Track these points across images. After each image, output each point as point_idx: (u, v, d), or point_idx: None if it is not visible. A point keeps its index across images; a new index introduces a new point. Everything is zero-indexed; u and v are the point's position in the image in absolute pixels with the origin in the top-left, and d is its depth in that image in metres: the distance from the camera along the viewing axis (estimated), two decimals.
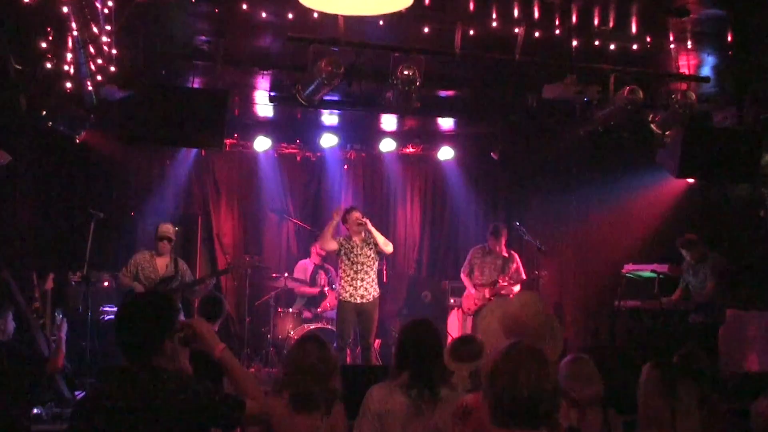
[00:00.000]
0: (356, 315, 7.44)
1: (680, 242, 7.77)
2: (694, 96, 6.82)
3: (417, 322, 3.61)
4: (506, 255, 8.27)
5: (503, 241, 8.27)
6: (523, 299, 2.87)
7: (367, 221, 7.43)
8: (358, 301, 7.40)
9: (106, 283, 7.92)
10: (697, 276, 7.71)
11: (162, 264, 7.28)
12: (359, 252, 7.44)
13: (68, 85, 5.88)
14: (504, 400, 2.10)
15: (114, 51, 5.60)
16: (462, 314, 8.67)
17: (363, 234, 7.47)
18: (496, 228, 8.31)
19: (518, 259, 8.37)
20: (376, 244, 7.45)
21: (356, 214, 7.48)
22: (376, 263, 7.57)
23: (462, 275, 8.42)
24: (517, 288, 8.14)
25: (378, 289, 7.59)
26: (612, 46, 6.40)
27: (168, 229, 7.35)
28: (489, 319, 2.84)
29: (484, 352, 3.41)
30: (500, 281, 8.12)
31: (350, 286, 7.42)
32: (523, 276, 8.27)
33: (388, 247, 7.52)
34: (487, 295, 8.14)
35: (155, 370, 2.52)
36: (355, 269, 7.42)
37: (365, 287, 7.43)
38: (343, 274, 7.50)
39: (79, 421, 2.55)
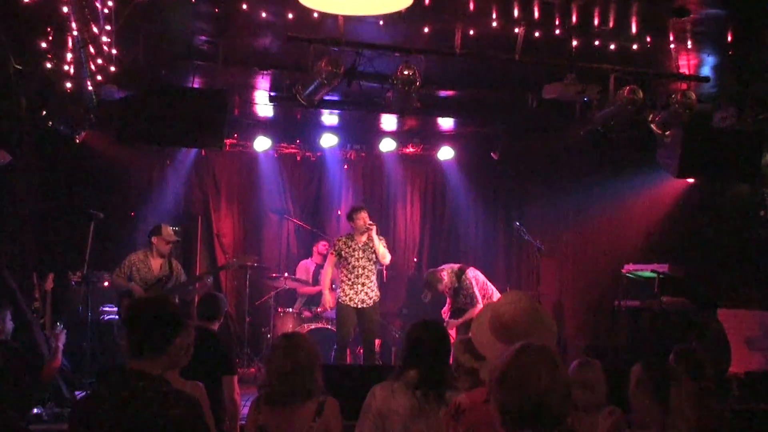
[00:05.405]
0: (356, 317, 7.39)
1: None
2: (694, 96, 6.81)
3: (429, 322, 3.53)
4: None
5: None
6: (509, 298, 2.82)
7: (374, 228, 7.31)
8: (358, 306, 7.34)
9: (106, 284, 7.90)
10: None
11: (157, 264, 7.25)
12: (360, 256, 7.37)
13: (68, 85, 5.88)
14: (514, 402, 2.04)
15: (114, 51, 5.60)
16: None
17: (366, 236, 7.36)
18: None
19: None
20: (375, 253, 7.37)
21: (365, 215, 7.34)
22: (376, 268, 7.49)
23: None
24: None
25: (378, 292, 7.52)
26: (612, 46, 6.39)
27: (172, 233, 7.34)
28: (480, 324, 2.80)
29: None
30: None
31: (351, 290, 7.35)
32: None
33: (385, 259, 7.43)
34: None
35: (156, 380, 2.52)
36: (355, 273, 7.35)
37: (366, 291, 7.35)
38: (344, 278, 7.43)
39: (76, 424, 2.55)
